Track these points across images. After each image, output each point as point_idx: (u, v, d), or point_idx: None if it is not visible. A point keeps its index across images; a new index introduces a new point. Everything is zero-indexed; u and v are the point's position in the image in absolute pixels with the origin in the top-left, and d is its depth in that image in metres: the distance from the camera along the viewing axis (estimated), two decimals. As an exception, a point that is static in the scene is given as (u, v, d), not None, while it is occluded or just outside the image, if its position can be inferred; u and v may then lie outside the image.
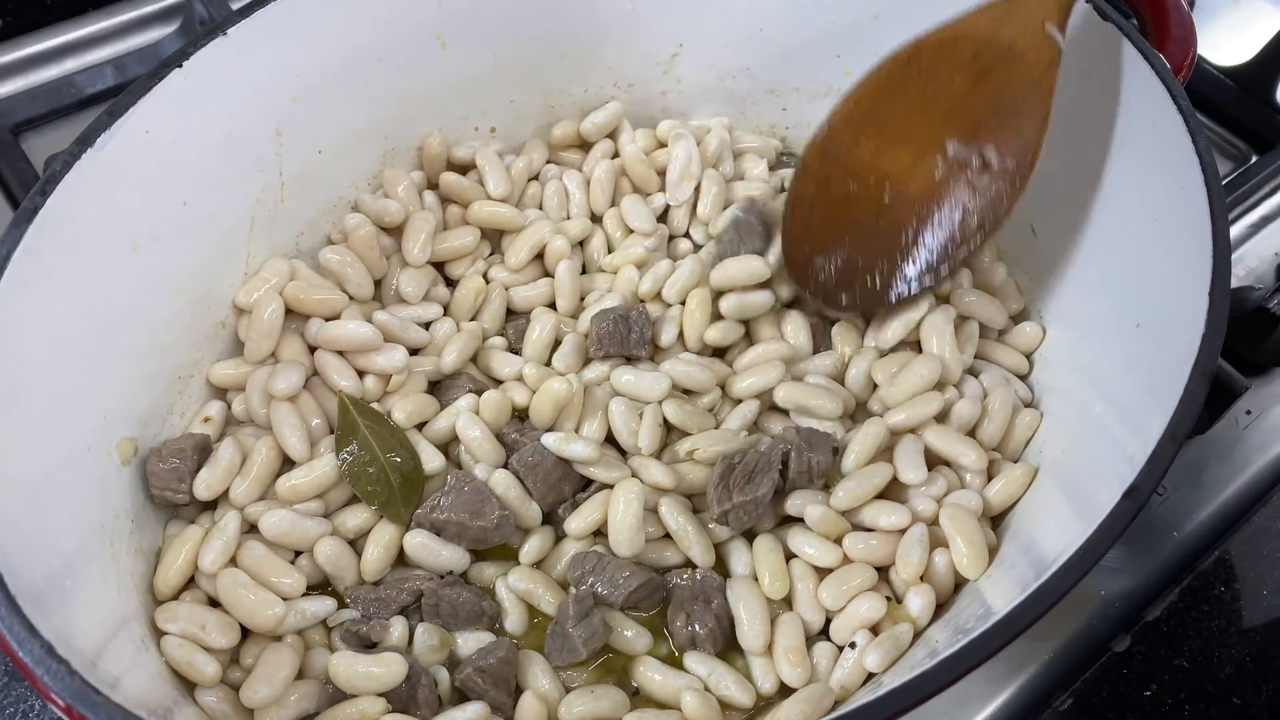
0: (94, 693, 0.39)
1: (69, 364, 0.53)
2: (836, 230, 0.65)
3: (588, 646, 0.55)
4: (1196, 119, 0.56)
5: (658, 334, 0.66)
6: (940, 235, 0.62)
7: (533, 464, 0.59)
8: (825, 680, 0.55)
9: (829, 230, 0.65)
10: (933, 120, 0.62)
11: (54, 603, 0.45)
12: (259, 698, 0.52)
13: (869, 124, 0.64)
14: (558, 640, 0.56)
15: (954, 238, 0.62)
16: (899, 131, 0.63)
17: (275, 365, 0.62)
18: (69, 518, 0.51)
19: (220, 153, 0.61)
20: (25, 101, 0.85)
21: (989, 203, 0.61)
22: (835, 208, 0.65)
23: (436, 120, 0.72)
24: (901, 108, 0.63)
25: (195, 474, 0.58)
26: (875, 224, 0.63)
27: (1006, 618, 0.42)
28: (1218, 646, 0.65)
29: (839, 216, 0.65)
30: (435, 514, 0.58)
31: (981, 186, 0.61)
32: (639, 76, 0.76)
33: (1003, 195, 0.61)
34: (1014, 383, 0.65)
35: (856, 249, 0.64)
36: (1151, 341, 0.55)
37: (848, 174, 0.64)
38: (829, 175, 0.65)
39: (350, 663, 0.53)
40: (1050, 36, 0.59)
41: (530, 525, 0.60)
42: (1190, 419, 0.47)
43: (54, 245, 0.51)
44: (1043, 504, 0.58)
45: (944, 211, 0.62)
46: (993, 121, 0.61)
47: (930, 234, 0.62)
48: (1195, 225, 0.52)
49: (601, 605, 0.57)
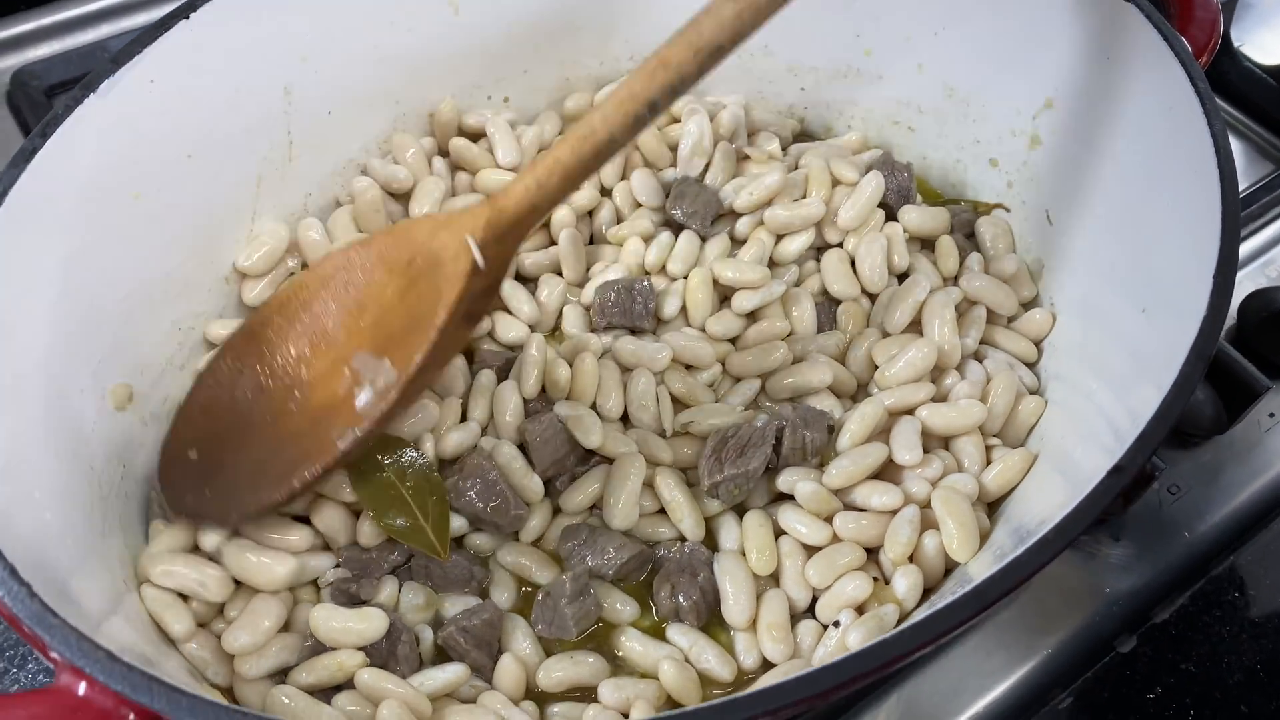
0: (51, 615, 0.39)
1: (63, 305, 0.53)
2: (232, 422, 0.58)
3: (579, 625, 0.55)
4: (1214, 102, 0.54)
5: (661, 307, 0.66)
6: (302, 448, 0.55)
7: (545, 438, 0.59)
8: (807, 657, 0.54)
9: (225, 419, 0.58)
10: (360, 328, 0.57)
11: (26, 531, 0.45)
12: (239, 644, 0.52)
13: (300, 317, 0.58)
14: (548, 613, 0.55)
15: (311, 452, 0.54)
16: (324, 335, 0.57)
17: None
18: (53, 454, 0.51)
19: (227, 108, 0.61)
20: (60, 64, 0.87)
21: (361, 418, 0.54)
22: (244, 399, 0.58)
23: (448, 87, 0.72)
24: (335, 308, 0.58)
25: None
26: (270, 424, 0.57)
27: (976, 590, 0.41)
28: (1227, 652, 0.63)
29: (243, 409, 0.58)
30: (451, 499, 0.58)
31: (359, 401, 0.54)
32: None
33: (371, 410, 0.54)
34: (1018, 369, 0.64)
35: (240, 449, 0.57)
36: (1156, 327, 0.53)
37: (266, 368, 0.58)
38: (253, 361, 0.58)
39: (330, 615, 0.53)
40: (468, 249, 0.54)
41: (532, 499, 0.60)
42: (1184, 399, 0.45)
43: (52, 187, 0.52)
44: (1040, 490, 0.56)
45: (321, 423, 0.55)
46: (402, 332, 0.55)
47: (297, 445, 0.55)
48: (1207, 210, 0.51)
49: (592, 578, 0.57)
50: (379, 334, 0.56)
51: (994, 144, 0.71)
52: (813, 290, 0.68)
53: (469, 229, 0.54)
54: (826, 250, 0.69)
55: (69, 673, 0.39)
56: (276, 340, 0.58)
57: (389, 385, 0.54)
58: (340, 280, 0.58)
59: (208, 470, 0.57)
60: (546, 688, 0.54)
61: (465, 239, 0.54)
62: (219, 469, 0.56)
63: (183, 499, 0.56)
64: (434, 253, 0.55)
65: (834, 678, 0.39)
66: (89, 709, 0.38)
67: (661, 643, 0.56)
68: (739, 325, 0.66)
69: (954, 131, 0.73)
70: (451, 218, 0.55)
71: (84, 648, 0.38)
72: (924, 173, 0.76)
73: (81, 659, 0.38)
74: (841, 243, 0.69)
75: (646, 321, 0.65)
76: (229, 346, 0.59)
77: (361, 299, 0.57)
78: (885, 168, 0.70)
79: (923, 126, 0.75)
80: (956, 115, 0.72)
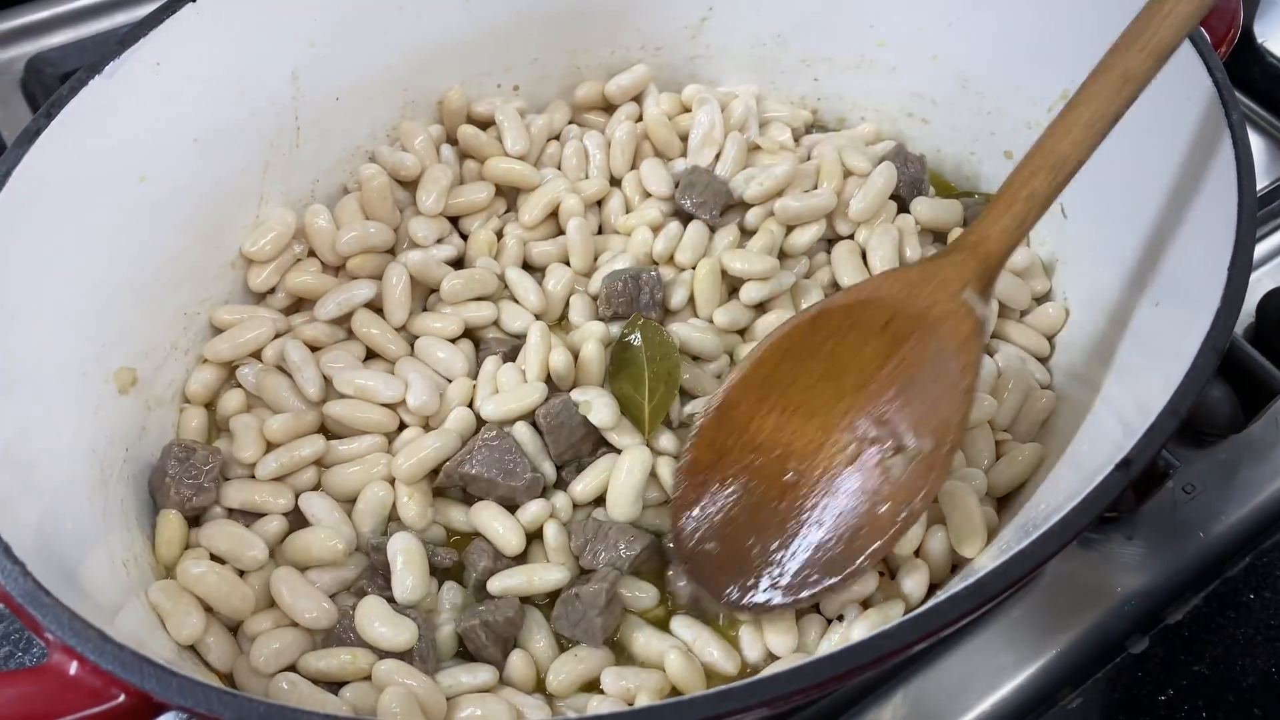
0: (44, 594, 0.39)
1: (66, 287, 0.53)
2: (732, 509, 0.56)
3: (605, 632, 0.55)
4: (1232, 93, 0.53)
5: (668, 297, 0.66)
6: (847, 525, 0.53)
7: (560, 421, 0.59)
8: (811, 651, 0.54)
9: (724, 508, 0.56)
10: (841, 391, 0.55)
11: (25, 512, 0.45)
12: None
13: (771, 391, 0.56)
14: (574, 615, 0.55)
15: (861, 529, 0.53)
16: (804, 402, 0.56)
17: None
18: (55, 437, 0.51)
19: (234, 93, 0.61)
20: (74, 52, 0.87)
21: (903, 491, 0.52)
22: (732, 483, 0.56)
23: (458, 75, 0.72)
24: (808, 375, 0.56)
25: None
26: (776, 506, 0.55)
27: (978, 582, 0.40)
28: (1242, 655, 0.62)
29: (737, 494, 0.56)
30: (465, 468, 0.58)
31: (895, 471, 0.53)
32: (666, 40, 0.75)
33: (919, 483, 0.52)
34: (1030, 363, 0.63)
35: (753, 532, 0.55)
36: (1169, 320, 0.53)
37: (748, 445, 0.56)
38: (727, 444, 0.57)
39: (373, 612, 0.53)
40: (968, 305, 0.52)
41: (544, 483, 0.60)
42: (1195, 392, 0.44)
43: (56, 168, 0.52)
44: (1050, 485, 0.56)
45: (853, 497, 0.53)
46: (908, 396, 0.54)
47: (836, 522, 0.53)
48: (1224, 200, 0.50)
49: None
50: (874, 398, 0.54)
51: (1009, 136, 0.70)
52: (823, 282, 0.67)
53: (959, 284, 0.53)
54: (837, 242, 0.68)
55: (61, 651, 0.38)
56: (749, 417, 0.56)
57: (921, 451, 0.52)
58: (800, 349, 0.56)
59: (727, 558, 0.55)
60: (556, 692, 0.54)
61: (963, 298, 0.52)
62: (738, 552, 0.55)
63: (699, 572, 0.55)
64: (919, 312, 0.53)
65: (833, 668, 0.38)
66: (79, 688, 0.38)
67: (666, 634, 0.55)
68: (747, 316, 0.65)
69: (968, 123, 0.72)
70: (926, 272, 0.54)
71: (75, 626, 0.38)
72: (938, 165, 0.75)
73: (72, 638, 0.38)
74: (853, 234, 0.68)
75: (653, 312, 0.64)
76: (702, 432, 0.57)
77: (838, 365, 0.55)
78: (898, 159, 0.70)
79: (936, 118, 0.74)
80: (971, 107, 0.72)
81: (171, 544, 0.56)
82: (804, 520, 0.54)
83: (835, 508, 0.53)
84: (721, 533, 0.55)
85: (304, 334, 0.63)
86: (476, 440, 0.58)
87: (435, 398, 0.60)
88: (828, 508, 0.53)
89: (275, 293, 0.66)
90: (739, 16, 0.74)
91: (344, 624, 0.53)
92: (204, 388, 0.62)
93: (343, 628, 0.53)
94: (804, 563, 0.53)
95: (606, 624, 0.55)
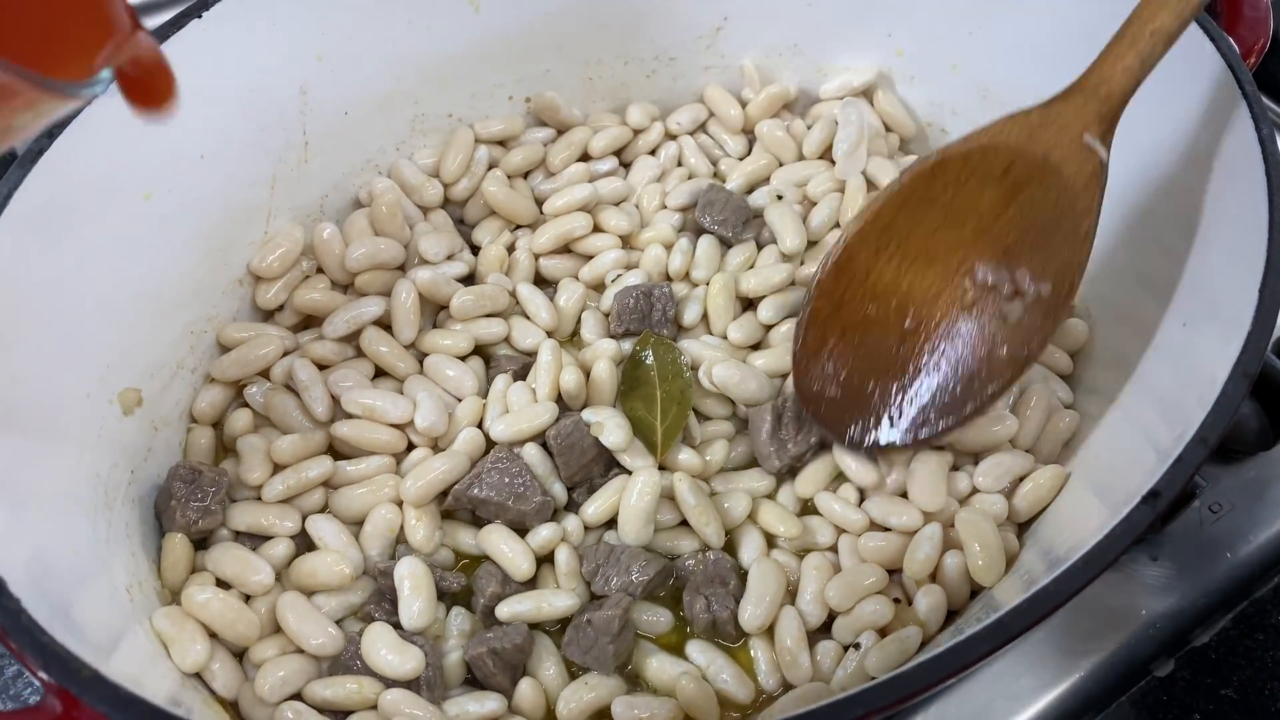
0: (40, 632, 0.38)
1: (69, 307, 0.53)
2: (852, 356, 0.58)
3: (618, 659, 0.54)
4: (1262, 105, 0.52)
5: (681, 313, 0.65)
6: (965, 368, 0.55)
7: (571, 442, 0.58)
8: (827, 679, 0.53)
9: (844, 356, 0.58)
10: (961, 239, 0.56)
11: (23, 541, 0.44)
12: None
13: (890, 241, 0.58)
14: (585, 641, 0.54)
15: (980, 372, 0.55)
16: (923, 250, 0.57)
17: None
18: (57, 459, 0.51)
19: (241, 108, 0.61)
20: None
21: (1021, 334, 0.54)
22: (851, 331, 0.58)
23: (468, 87, 0.71)
24: (926, 224, 0.57)
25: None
26: (895, 351, 0.57)
27: (999, 621, 0.39)
28: (1271, 679, 0.61)
29: (855, 341, 0.58)
30: (474, 490, 0.57)
31: (1013, 316, 0.55)
32: (681, 50, 0.75)
33: (1036, 327, 0.54)
34: (1053, 381, 0.62)
35: (873, 377, 0.57)
36: (1197, 341, 0.51)
37: (866, 295, 0.58)
38: (845, 296, 0.59)
39: (380, 640, 0.52)
40: (1090, 148, 0.53)
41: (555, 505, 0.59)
42: (1225, 421, 0.43)
43: (59, 187, 0.51)
44: (1072, 510, 0.55)
45: (971, 341, 0.55)
46: (1027, 242, 0.55)
47: (954, 366, 0.56)
48: (1253, 218, 0.49)
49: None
50: (994, 244, 0.55)
51: (1030, 147, 0.69)
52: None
53: (1080, 127, 0.53)
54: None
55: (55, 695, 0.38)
56: (868, 267, 0.58)
57: (1040, 296, 0.54)
58: (919, 199, 0.57)
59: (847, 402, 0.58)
60: (566, 719, 0.53)
61: (1084, 140, 0.53)
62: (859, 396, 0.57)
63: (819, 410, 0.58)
64: (1040, 156, 0.54)
65: (849, 711, 0.37)
66: (72, 730, 0.38)
67: (680, 660, 0.55)
68: (761, 332, 0.65)
69: (989, 134, 0.71)
70: (1047, 115, 0.54)
71: (70, 668, 0.37)
72: (957, 176, 0.74)
73: (67, 680, 0.37)
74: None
75: (666, 328, 0.64)
76: (820, 285, 0.59)
77: (956, 213, 0.56)
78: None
79: (956, 129, 0.73)
80: (991, 118, 0.70)
81: (177, 568, 0.55)
82: (922, 364, 0.56)
83: (953, 352, 0.56)
84: (841, 378, 0.58)
85: (312, 352, 0.63)
86: (485, 462, 0.58)
87: (444, 418, 0.59)
88: (946, 352, 0.56)
89: (283, 310, 0.66)
90: (754, 26, 0.74)
91: (350, 650, 0.53)
92: (211, 407, 0.62)
93: (349, 654, 0.53)
94: (923, 405, 0.56)
95: (619, 651, 0.54)
